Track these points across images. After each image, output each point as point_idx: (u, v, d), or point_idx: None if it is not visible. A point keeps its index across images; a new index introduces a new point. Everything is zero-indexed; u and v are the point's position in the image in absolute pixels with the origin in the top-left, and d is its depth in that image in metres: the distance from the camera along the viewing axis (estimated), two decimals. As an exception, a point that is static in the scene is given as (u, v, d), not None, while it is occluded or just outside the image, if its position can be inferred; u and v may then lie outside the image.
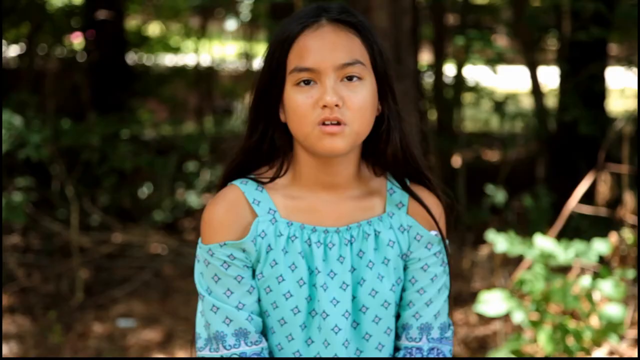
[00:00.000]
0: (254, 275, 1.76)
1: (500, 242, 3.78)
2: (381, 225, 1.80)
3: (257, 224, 1.75)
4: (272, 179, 1.79)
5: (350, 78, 1.70)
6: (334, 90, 1.68)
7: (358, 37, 1.73)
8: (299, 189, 1.79)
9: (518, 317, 3.57)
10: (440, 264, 1.84)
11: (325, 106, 1.68)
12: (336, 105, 1.68)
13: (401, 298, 1.83)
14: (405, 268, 1.82)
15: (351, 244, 1.78)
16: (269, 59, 1.76)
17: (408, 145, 1.80)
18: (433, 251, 1.82)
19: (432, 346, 1.82)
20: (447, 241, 1.86)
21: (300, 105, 1.70)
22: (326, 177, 1.77)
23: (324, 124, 1.68)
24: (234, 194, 1.77)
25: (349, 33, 1.72)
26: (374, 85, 1.74)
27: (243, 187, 1.78)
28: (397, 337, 1.84)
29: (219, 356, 1.74)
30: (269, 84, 1.75)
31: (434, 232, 1.82)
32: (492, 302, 3.61)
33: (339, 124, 1.68)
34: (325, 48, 1.70)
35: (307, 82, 1.70)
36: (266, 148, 1.80)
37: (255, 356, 1.73)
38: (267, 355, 1.75)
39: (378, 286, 1.78)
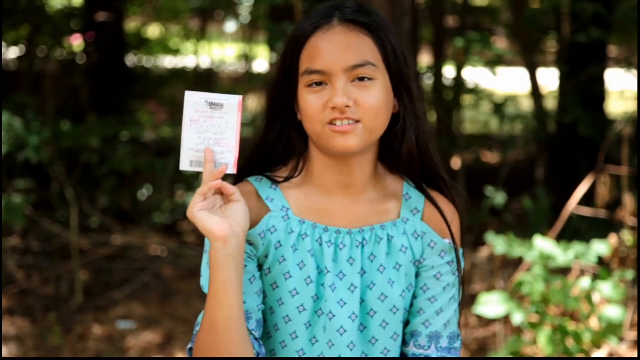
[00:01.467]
0: (260, 269, 1.76)
1: (499, 244, 3.77)
2: (395, 230, 1.79)
3: (269, 218, 1.75)
4: (287, 178, 1.79)
5: (361, 79, 1.70)
6: (344, 92, 1.68)
7: (370, 37, 1.72)
8: (314, 190, 1.79)
9: (518, 318, 3.57)
10: (453, 273, 1.83)
11: (335, 107, 1.68)
12: (347, 107, 1.68)
13: (411, 305, 1.83)
14: (417, 275, 1.82)
15: (363, 246, 1.78)
16: (282, 58, 1.76)
17: (424, 145, 1.80)
18: (446, 260, 1.82)
19: (441, 355, 1.82)
20: (461, 250, 1.85)
21: (311, 106, 1.70)
22: (342, 177, 1.77)
23: (333, 123, 1.68)
24: (248, 190, 1.77)
25: (360, 34, 1.72)
26: (388, 85, 1.73)
27: (257, 185, 1.79)
28: (405, 343, 1.84)
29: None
30: (283, 83, 1.76)
31: (447, 241, 1.82)
32: (492, 304, 3.61)
33: (351, 122, 1.68)
34: (336, 50, 1.70)
35: (318, 84, 1.70)
36: (282, 148, 1.80)
37: None
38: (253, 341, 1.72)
39: (388, 291, 1.77)
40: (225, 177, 1.70)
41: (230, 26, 10.48)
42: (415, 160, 1.80)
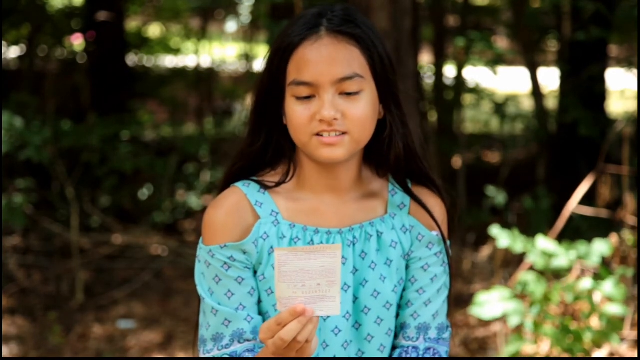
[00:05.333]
0: (255, 276, 1.76)
1: (503, 237, 3.76)
2: (383, 226, 1.80)
3: (259, 225, 1.75)
4: (278, 184, 1.79)
5: (349, 92, 1.70)
6: (332, 105, 1.68)
7: (357, 48, 1.72)
8: (303, 192, 1.79)
9: (514, 320, 3.55)
10: (441, 264, 1.84)
11: (322, 120, 1.68)
12: (335, 119, 1.68)
13: (400, 297, 1.83)
14: (406, 267, 1.83)
15: (354, 245, 1.78)
16: (269, 65, 1.76)
17: (412, 150, 1.80)
18: (434, 251, 1.82)
19: (429, 346, 1.82)
20: (449, 242, 1.86)
21: (298, 117, 1.70)
22: (329, 181, 1.78)
23: (320, 134, 1.69)
24: (236, 196, 1.77)
25: (348, 45, 1.71)
26: (375, 95, 1.74)
27: (245, 189, 1.77)
28: (395, 335, 1.84)
29: (210, 356, 1.75)
30: (270, 90, 1.75)
31: (435, 232, 1.82)
32: (489, 304, 3.59)
33: (338, 134, 1.69)
34: (324, 62, 1.69)
35: (306, 95, 1.70)
36: (270, 154, 1.80)
37: (248, 352, 1.73)
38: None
39: (380, 287, 1.78)
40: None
41: (231, 25, 10.48)
42: (402, 165, 1.80)
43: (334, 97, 1.69)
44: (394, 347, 1.84)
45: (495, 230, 3.81)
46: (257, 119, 1.79)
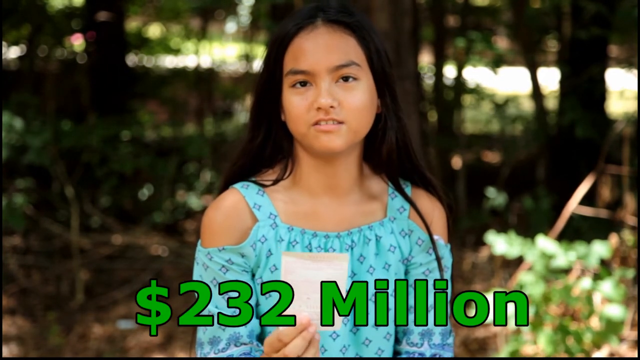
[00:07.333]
0: (253, 279, 1.76)
1: (499, 243, 3.76)
2: (382, 230, 1.78)
3: (257, 229, 1.74)
4: (275, 182, 1.77)
5: (345, 79, 1.69)
6: (328, 92, 1.68)
7: (353, 37, 1.72)
8: (301, 193, 1.77)
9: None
10: (442, 269, 1.82)
11: (319, 108, 1.68)
12: (332, 107, 1.67)
13: None
14: (406, 272, 1.81)
15: (352, 249, 1.76)
16: (266, 60, 1.76)
17: (406, 145, 1.79)
18: (434, 256, 1.81)
19: (434, 352, 1.81)
20: (449, 245, 1.84)
21: (295, 107, 1.70)
22: (327, 179, 1.76)
23: (318, 123, 1.68)
24: (235, 198, 1.76)
25: (344, 34, 1.71)
26: (372, 85, 1.73)
27: (244, 191, 1.76)
28: (398, 341, 1.83)
29: (207, 359, 1.74)
30: (268, 84, 1.75)
31: (436, 237, 1.81)
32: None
33: (335, 123, 1.68)
34: (320, 50, 1.69)
35: (303, 84, 1.70)
36: (269, 151, 1.79)
37: (244, 355, 1.72)
38: (257, 355, 1.72)
39: None
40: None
41: (231, 26, 10.48)
42: (394, 161, 1.78)
43: (331, 86, 1.68)
44: (396, 352, 1.83)
45: (490, 237, 3.81)
46: (257, 114, 1.78)
